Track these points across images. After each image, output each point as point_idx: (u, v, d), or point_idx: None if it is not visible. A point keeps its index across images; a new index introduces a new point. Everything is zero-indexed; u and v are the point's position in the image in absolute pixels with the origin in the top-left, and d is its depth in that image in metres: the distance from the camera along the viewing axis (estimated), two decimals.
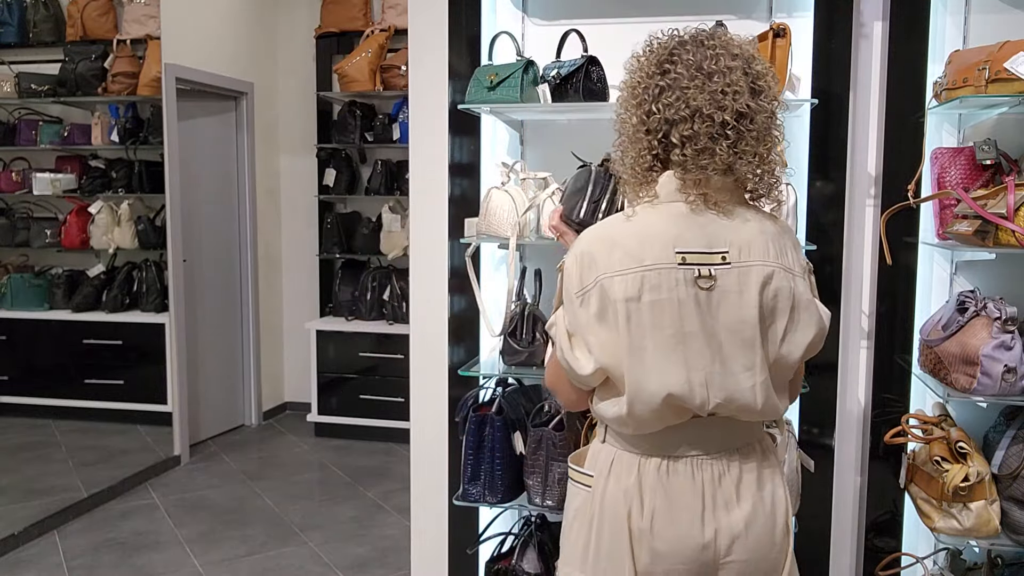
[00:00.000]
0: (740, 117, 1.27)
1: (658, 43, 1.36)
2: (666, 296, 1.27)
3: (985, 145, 2.07)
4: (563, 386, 1.42)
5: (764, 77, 1.31)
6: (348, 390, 5.02)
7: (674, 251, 1.28)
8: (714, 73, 1.28)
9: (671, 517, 1.33)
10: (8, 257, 4.59)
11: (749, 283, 1.30)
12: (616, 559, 1.34)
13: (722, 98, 1.26)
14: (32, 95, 4.48)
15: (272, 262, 5.53)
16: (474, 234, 2.30)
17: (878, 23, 2.28)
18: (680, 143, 1.28)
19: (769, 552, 1.36)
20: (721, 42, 1.32)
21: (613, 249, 1.30)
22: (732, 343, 1.30)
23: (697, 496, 1.33)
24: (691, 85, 1.27)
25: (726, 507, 1.34)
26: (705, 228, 1.30)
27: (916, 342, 2.24)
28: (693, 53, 1.30)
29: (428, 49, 2.53)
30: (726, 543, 1.33)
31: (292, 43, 5.37)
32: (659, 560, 1.33)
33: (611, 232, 1.33)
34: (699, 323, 1.28)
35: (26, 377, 4.65)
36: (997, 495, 2.00)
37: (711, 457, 1.34)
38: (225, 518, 3.85)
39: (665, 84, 1.30)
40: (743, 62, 1.30)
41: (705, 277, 1.27)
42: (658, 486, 1.33)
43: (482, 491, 2.29)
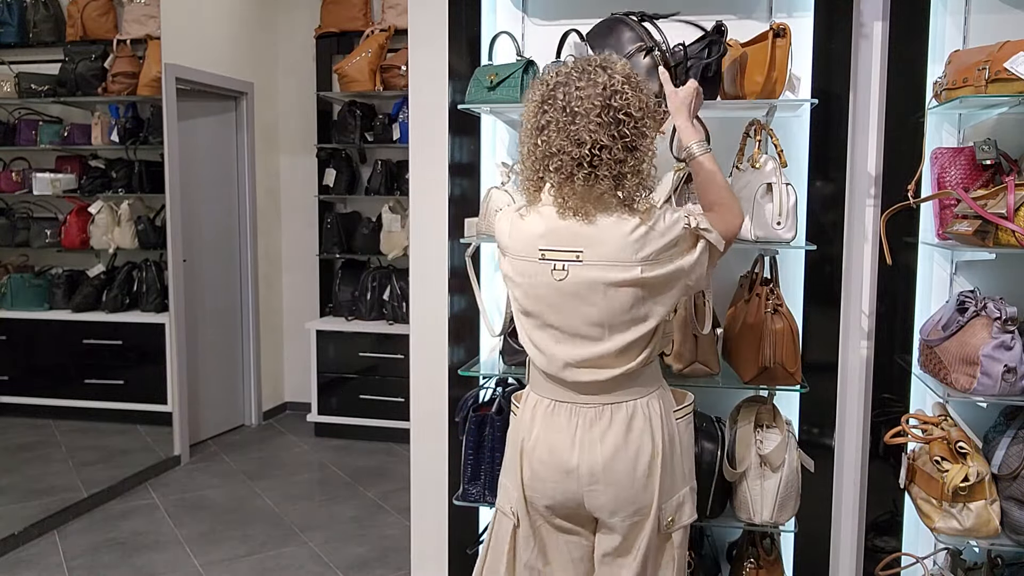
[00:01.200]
0: (600, 148, 1.55)
1: (544, 81, 1.63)
2: (528, 281, 1.66)
3: (985, 145, 2.07)
4: None
5: (627, 107, 1.55)
6: (348, 390, 5.02)
7: (537, 248, 1.64)
8: (577, 114, 1.55)
9: (547, 443, 1.70)
10: (8, 257, 4.59)
11: (598, 275, 1.60)
12: (514, 470, 1.75)
13: (581, 136, 1.54)
14: (32, 95, 4.47)
15: (272, 262, 5.53)
16: (474, 234, 2.30)
17: (878, 23, 2.28)
18: (552, 170, 1.60)
19: (628, 489, 1.67)
20: (589, 80, 1.56)
21: (506, 235, 1.71)
22: (585, 322, 1.63)
23: (571, 432, 1.68)
24: (557, 128, 1.57)
25: (591, 447, 1.67)
26: (566, 231, 1.61)
27: (916, 342, 2.24)
28: (564, 94, 1.57)
29: (428, 49, 2.53)
30: (587, 472, 1.67)
31: (292, 43, 5.37)
32: (535, 475, 1.71)
33: (510, 220, 1.71)
34: (553, 305, 1.64)
35: (26, 377, 4.65)
36: (997, 495, 2.01)
37: (586, 405, 1.68)
38: (225, 518, 3.85)
39: (544, 123, 1.59)
40: (605, 98, 1.54)
41: (559, 270, 1.61)
42: (543, 419, 1.72)
43: (482, 491, 2.29)
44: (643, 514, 1.68)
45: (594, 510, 1.69)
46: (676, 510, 1.72)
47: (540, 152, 1.60)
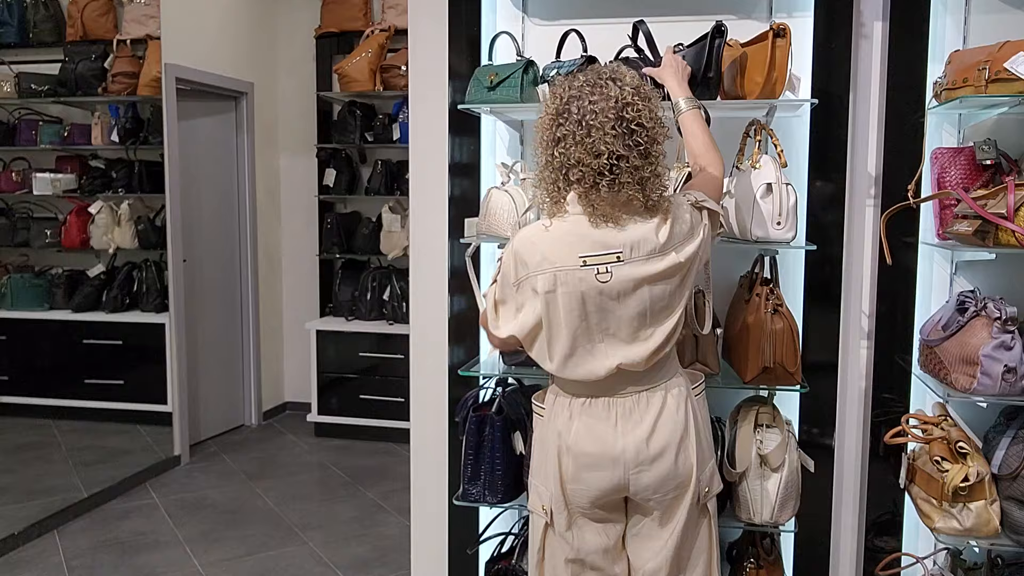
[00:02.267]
0: (619, 158, 1.61)
1: (557, 95, 1.68)
2: (572, 289, 1.67)
3: (985, 145, 2.07)
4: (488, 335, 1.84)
5: (639, 117, 1.61)
6: (348, 390, 5.02)
7: (577, 256, 1.67)
8: (592, 127, 1.60)
9: (591, 435, 1.74)
10: (8, 257, 4.59)
11: (641, 270, 1.66)
12: (551, 468, 1.78)
13: (598, 148, 1.60)
14: (32, 95, 4.48)
15: (272, 262, 5.53)
16: (474, 234, 2.30)
17: (878, 23, 2.28)
18: (574, 180, 1.65)
19: (670, 465, 1.73)
20: (602, 93, 1.62)
21: (534, 252, 1.70)
22: (628, 315, 1.69)
23: (612, 422, 1.74)
24: (574, 140, 1.62)
25: (633, 429, 1.73)
26: (602, 237, 1.67)
27: (916, 342, 2.24)
28: (578, 108, 1.63)
29: (428, 49, 2.53)
30: (633, 454, 1.72)
31: (292, 43, 5.37)
32: (581, 468, 1.74)
33: (535, 238, 1.72)
34: (598, 307, 1.68)
35: (26, 377, 4.65)
36: (997, 495, 2.00)
37: (623, 396, 1.75)
38: (225, 518, 3.85)
39: (560, 135, 1.65)
40: (617, 111, 1.60)
41: (603, 273, 1.66)
42: (582, 414, 1.76)
43: (482, 491, 2.29)
44: (683, 488, 1.75)
45: (637, 492, 1.74)
46: (710, 480, 1.80)
47: (558, 163, 1.66)
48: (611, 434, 1.73)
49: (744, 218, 2.10)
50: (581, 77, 1.67)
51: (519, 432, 2.28)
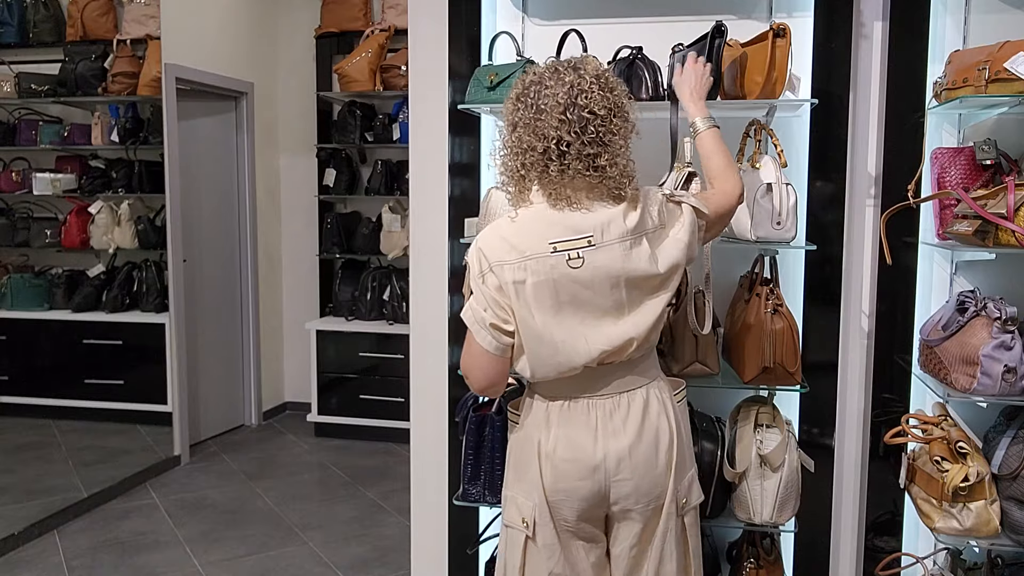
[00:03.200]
0: (567, 145, 1.59)
1: (521, 80, 1.67)
2: (543, 278, 1.63)
3: (985, 145, 2.07)
4: (477, 368, 1.73)
5: (590, 106, 1.59)
6: (348, 390, 5.02)
7: (546, 242, 1.63)
8: (543, 111, 1.60)
9: (569, 443, 1.70)
10: (8, 257, 4.59)
11: (613, 255, 1.63)
12: (531, 478, 1.72)
13: (545, 131, 1.60)
14: (32, 95, 4.48)
15: (272, 262, 5.53)
16: (474, 234, 2.30)
17: (878, 23, 2.28)
18: (528, 165, 1.64)
19: (651, 473, 1.70)
20: (559, 79, 1.61)
21: (502, 243, 1.65)
22: (604, 305, 1.65)
23: (591, 427, 1.69)
24: (526, 124, 1.62)
25: (614, 435, 1.69)
26: (570, 221, 1.63)
27: (916, 342, 2.24)
28: (536, 92, 1.62)
29: (428, 49, 2.53)
30: (614, 463, 1.68)
31: (292, 43, 5.37)
32: (561, 477, 1.69)
33: (500, 232, 1.68)
34: (576, 297, 1.64)
35: (26, 377, 4.65)
36: (997, 495, 2.00)
37: (603, 397, 1.70)
38: (225, 518, 3.85)
39: (516, 119, 1.65)
40: (571, 97, 1.59)
41: (575, 259, 1.62)
42: (560, 420, 1.71)
43: (482, 491, 2.28)
44: (663, 498, 1.71)
45: (618, 500, 1.70)
46: (688, 491, 1.76)
47: (512, 148, 1.66)
48: (590, 441, 1.68)
49: (744, 218, 2.10)
50: (545, 65, 1.68)
51: None
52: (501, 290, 1.65)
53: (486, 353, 1.69)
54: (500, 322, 1.67)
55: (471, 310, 1.71)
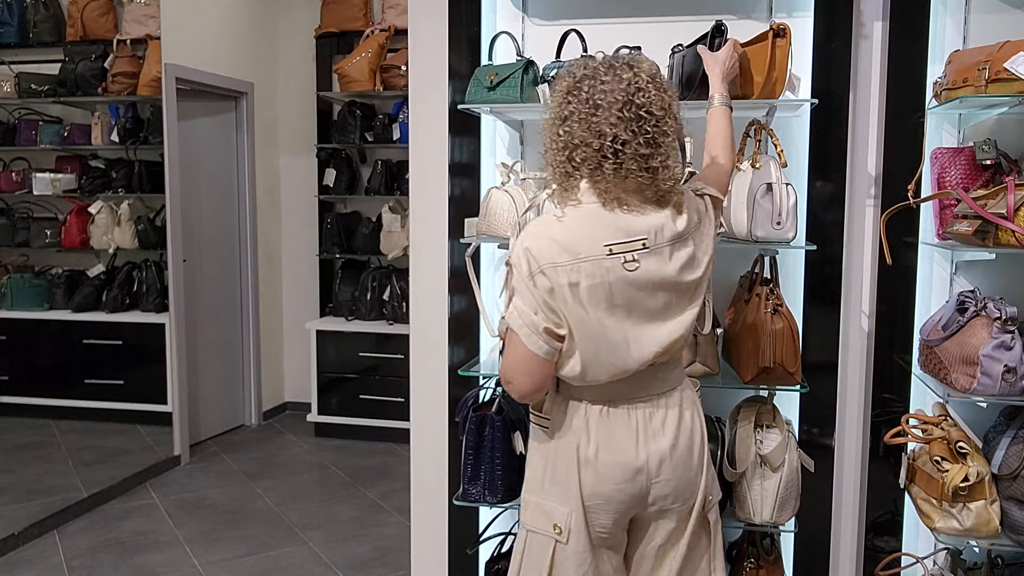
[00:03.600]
0: (623, 144, 1.56)
1: (571, 72, 1.63)
2: (599, 280, 1.58)
3: (985, 145, 2.07)
4: (524, 374, 1.64)
5: (649, 105, 1.57)
6: (348, 390, 5.02)
7: (601, 244, 1.59)
8: (599, 107, 1.57)
9: (611, 447, 1.67)
10: (8, 257, 4.59)
11: (667, 258, 1.62)
12: (565, 483, 1.68)
13: (602, 128, 1.56)
14: (32, 95, 4.48)
15: (272, 262, 5.53)
16: (474, 234, 2.30)
17: (878, 23, 2.28)
18: (580, 163, 1.60)
19: (688, 472, 1.71)
20: (615, 75, 1.58)
21: (552, 245, 1.59)
22: (654, 307, 1.63)
23: (632, 430, 1.68)
24: (580, 119, 1.58)
25: (655, 437, 1.68)
26: (623, 223, 1.60)
27: (916, 342, 2.24)
28: (589, 87, 1.59)
29: (428, 49, 2.53)
30: (656, 464, 1.67)
31: (292, 43, 5.37)
32: (602, 481, 1.67)
33: (548, 232, 1.62)
34: (626, 298, 1.60)
35: (26, 377, 4.65)
36: (997, 495, 2.00)
37: (642, 399, 1.69)
38: (225, 518, 3.85)
39: (567, 113, 1.60)
40: (628, 95, 1.56)
41: (630, 261, 1.59)
42: (601, 424, 1.68)
43: (482, 491, 2.28)
44: (695, 496, 1.73)
45: (655, 501, 1.69)
46: (712, 486, 1.78)
47: (562, 142, 1.61)
48: (632, 445, 1.67)
49: (744, 218, 2.10)
50: (598, 59, 1.63)
51: (519, 432, 2.28)
52: (552, 292, 1.60)
53: (535, 357, 1.62)
54: (553, 326, 1.61)
55: (519, 313, 1.62)
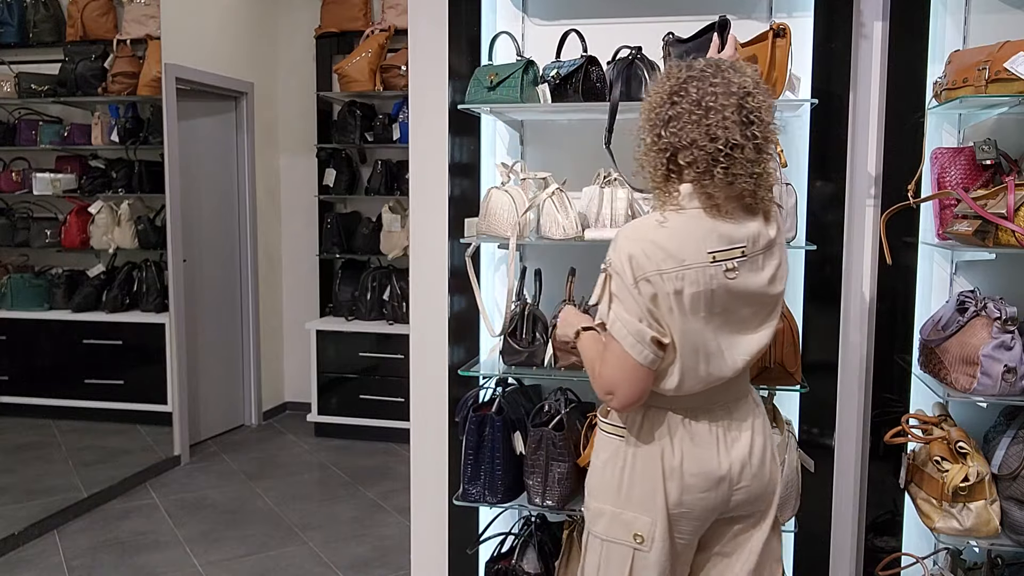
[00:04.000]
0: (733, 147, 1.53)
1: (670, 75, 1.60)
2: (701, 288, 1.55)
3: (985, 145, 2.07)
4: (629, 383, 1.59)
5: (758, 110, 1.55)
6: (348, 390, 5.02)
7: (705, 252, 1.56)
8: (711, 109, 1.53)
9: (696, 456, 1.64)
10: (8, 257, 4.59)
11: (760, 267, 1.61)
12: (648, 493, 1.65)
13: (715, 132, 1.52)
14: (32, 95, 4.48)
15: (272, 262, 5.53)
16: (474, 234, 2.30)
17: (878, 23, 2.28)
18: (686, 166, 1.56)
19: (764, 476, 1.70)
20: (724, 78, 1.55)
21: (656, 251, 1.55)
22: (746, 316, 1.62)
23: (714, 440, 1.65)
24: (690, 120, 1.54)
25: (735, 443, 1.67)
26: (722, 229, 1.58)
27: (916, 342, 2.24)
28: (697, 88, 1.55)
29: (428, 49, 2.53)
30: (738, 470, 1.66)
31: (292, 43, 5.37)
32: (687, 491, 1.64)
33: (652, 237, 1.57)
34: (724, 306, 1.58)
35: (26, 377, 4.65)
36: (997, 495, 2.00)
37: (719, 409, 1.67)
38: (225, 518, 3.85)
39: (673, 114, 1.56)
40: (739, 98, 1.54)
41: (731, 269, 1.57)
42: (684, 434, 1.65)
43: (482, 491, 2.29)
44: (771, 498, 1.72)
45: (736, 506, 1.69)
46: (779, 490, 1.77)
47: (665, 144, 1.57)
48: (714, 454, 1.65)
49: None
50: (700, 62, 1.59)
51: (519, 432, 2.28)
52: (656, 300, 1.56)
53: (640, 367, 1.57)
54: (659, 335, 1.56)
55: (622, 323, 1.57)
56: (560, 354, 2.19)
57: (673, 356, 1.59)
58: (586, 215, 2.23)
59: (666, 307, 1.56)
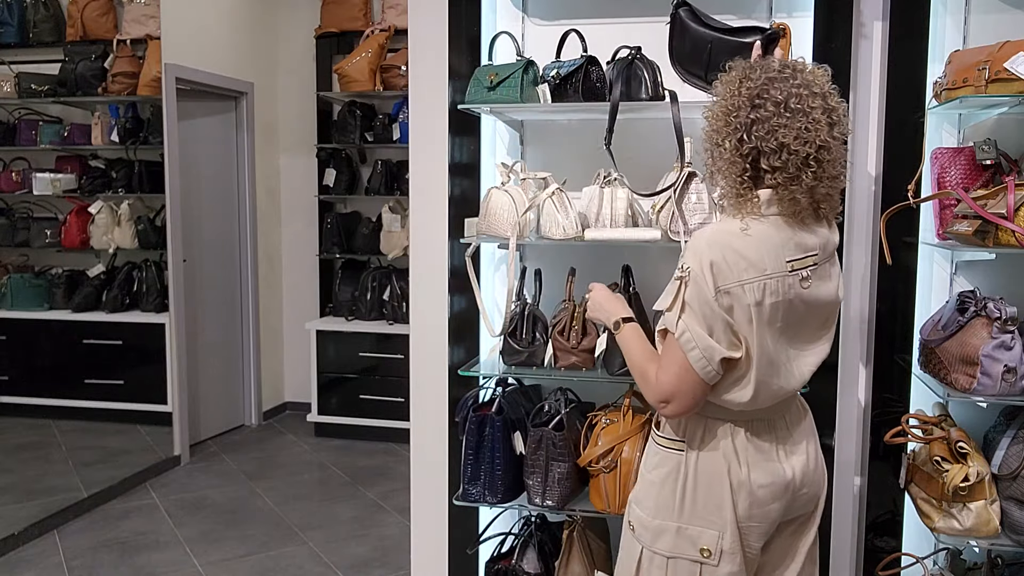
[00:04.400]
0: (820, 149, 1.49)
1: (746, 76, 1.54)
2: (780, 298, 1.52)
3: (985, 145, 2.07)
4: (687, 395, 1.55)
5: (838, 110, 1.53)
6: (348, 390, 5.02)
7: (784, 261, 1.53)
8: (798, 111, 1.49)
9: (763, 468, 1.61)
10: (8, 257, 4.59)
11: (827, 276, 1.61)
12: (713, 507, 1.61)
13: (806, 134, 1.48)
14: (32, 95, 4.48)
15: (272, 262, 5.53)
16: (474, 234, 2.30)
17: (878, 23, 2.28)
18: (771, 170, 1.51)
19: (818, 478, 1.71)
20: (804, 79, 1.52)
21: (739, 260, 1.50)
22: (812, 326, 1.62)
23: (775, 448, 1.64)
24: (778, 123, 1.49)
25: (794, 451, 1.66)
26: (798, 237, 1.55)
27: (916, 342, 2.24)
28: (780, 90, 1.50)
29: (428, 49, 2.53)
30: (800, 476, 1.65)
31: (292, 43, 5.37)
32: (756, 503, 1.61)
33: (733, 246, 1.52)
34: (798, 316, 1.57)
35: (26, 377, 4.65)
36: (997, 495, 2.00)
37: (777, 417, 1.65)
38: (225, 518, 3.85)
39: (756, 117, 1.51)
40: (822, 99, 1.51)
41: (805, 279, 1.55)
42: (748, 445, 1.61)
43: (482, 491, 2.28)
44: (820, 500, 1.74)
45: (795, 512, 1.69)
46: None
47: (747, 150, 1.52)
48: (779, 461, 1.63)
49: None
50: (773, 62, 1.55)
51: (519, 432, 2.28)
52: (733, 312, 1.51)
53: (702, 383, 1.53)
54: (730, 352, 1.51)
55: (692, 335, 1.51)
56: (560, 354, 2.19)
57: (746, 369, 1.54)
58: (586, 215, 2.23)
59: (744, 319, 1.52)
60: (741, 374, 1.55)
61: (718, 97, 1.58)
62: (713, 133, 1.58)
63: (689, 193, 2.09)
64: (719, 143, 1.56)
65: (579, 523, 2.34)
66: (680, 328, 1.52)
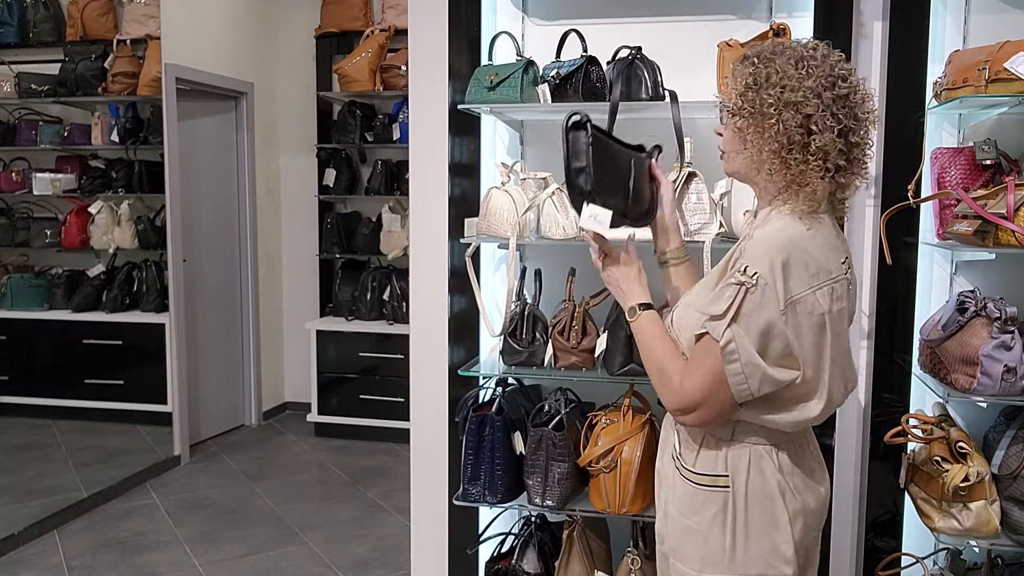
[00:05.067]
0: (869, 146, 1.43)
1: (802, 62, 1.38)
2: (844, 304, 1.44)
3: (985, 145, 2.07)
4: (715, 407, 1.41)
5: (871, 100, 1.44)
6: (348, 390, 5.02)
7: (840, 264, 1.44)
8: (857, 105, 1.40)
9: (812, 491, 1.52)
10: (8, 257, 4.59)
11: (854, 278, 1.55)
12: (769, 548, 1.45)
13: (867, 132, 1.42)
14: (32, 95, 4.48)
15: (272, 262, 5.53)
16: (474, 234, 2.30)
17: (878, 23, 2.28)
18: (835, 169, 1.38)
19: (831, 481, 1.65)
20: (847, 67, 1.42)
21: (809, 263, 1.37)
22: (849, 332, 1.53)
23: (814, 467, 1.56)
24: (860, 118, 1.39)
25: (822, 465, 1.61)
26: (839, 240, 1.48)
27: (916, 342, 2.24)
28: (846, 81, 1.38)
29: (428, 49, 2.53)
30: (829, 485, 1.61)
31: (292, 43, 5.37)
32: (809, 529, 1.52)
33: (802, 243, 1.38)
34: (851, 322, 1.52)
35: (26, 377, 4.65)
36: (997, 495, 2.00)
37: (811, 434, 1.59)
38: (225, 518, 3.85)
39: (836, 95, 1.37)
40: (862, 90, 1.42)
41: (852, 280, 1.49)
42: (796, 470, 1.49)
43: (482, 491, 2.28)
44: None
45: None
46: None
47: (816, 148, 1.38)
48: (820, 480, 1.56)
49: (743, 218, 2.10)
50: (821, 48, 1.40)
51: (519, 432, 2.28)
52: (800, 331, 1.37)
53: (731, 400, 1.40)
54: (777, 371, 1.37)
55: (739, 348, 1.36)
56: (560, 354, 2.19)
57: (817, 385, 1.41)
58: None
59: (816, 329, 1.37)
60: (813, 389, 1.41)
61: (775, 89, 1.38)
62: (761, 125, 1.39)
63: (689, 193, 2.09)
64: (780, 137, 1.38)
65: (579, 523, 2.34)
66: (726, 336, 1.36)
